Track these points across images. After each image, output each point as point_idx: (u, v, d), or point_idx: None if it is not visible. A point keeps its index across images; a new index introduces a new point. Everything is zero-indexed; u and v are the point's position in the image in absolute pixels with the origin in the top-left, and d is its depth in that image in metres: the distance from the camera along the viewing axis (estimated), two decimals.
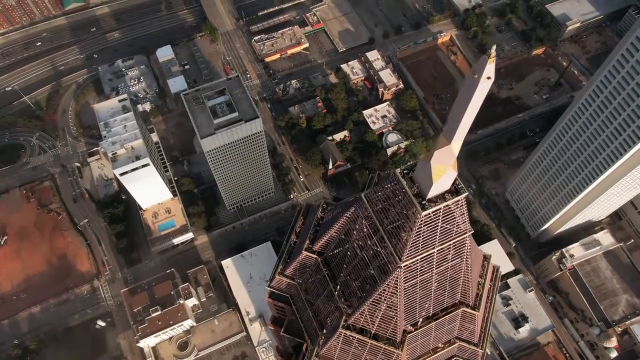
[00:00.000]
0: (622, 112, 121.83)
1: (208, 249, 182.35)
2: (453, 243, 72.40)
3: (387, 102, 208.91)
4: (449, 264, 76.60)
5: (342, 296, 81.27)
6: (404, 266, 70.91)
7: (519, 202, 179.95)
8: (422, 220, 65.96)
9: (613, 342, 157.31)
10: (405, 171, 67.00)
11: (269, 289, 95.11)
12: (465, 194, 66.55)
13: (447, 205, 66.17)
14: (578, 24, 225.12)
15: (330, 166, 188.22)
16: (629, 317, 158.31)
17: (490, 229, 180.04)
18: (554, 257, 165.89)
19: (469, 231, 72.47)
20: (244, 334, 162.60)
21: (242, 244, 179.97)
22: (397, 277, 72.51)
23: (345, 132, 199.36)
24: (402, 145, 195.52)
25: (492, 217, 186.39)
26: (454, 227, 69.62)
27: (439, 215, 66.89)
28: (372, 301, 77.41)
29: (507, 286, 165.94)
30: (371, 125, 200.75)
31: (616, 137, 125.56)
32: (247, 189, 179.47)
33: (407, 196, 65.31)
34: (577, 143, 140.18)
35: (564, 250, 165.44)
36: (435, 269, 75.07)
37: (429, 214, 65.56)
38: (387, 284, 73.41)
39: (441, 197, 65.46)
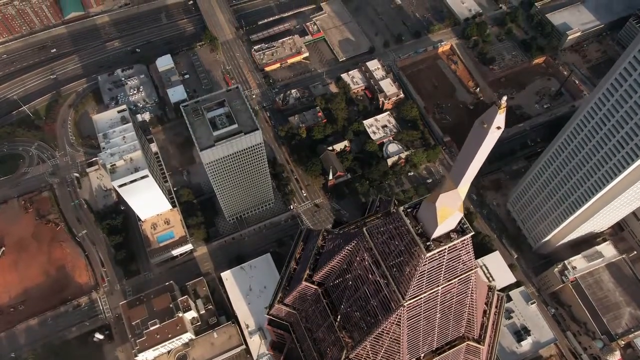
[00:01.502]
0: (624, 126, 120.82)
1: (207, 260, 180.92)
2: (458, 280, 70.99)
3: (388, 112, 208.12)
4: (454, 299, 75.08)
5: (343, 328, 79.64)
6: (408, 305, 69.51)
7: (520, 213, 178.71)
8: (426, 261, 64.53)
9: (616, 356, 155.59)
10: (408, 209, 65.61)
11: (268, 316, 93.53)
12: (472, 233, 65.07)
13: (453, 246, 64.79)
14: (578, 33, 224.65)
15: (331, 177, 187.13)
16: (632, 330, 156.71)
17: (492, 240, 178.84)
18: (556, 269, 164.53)
19: (475, 267, 70.99)
20: (244, 347, 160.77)
21: (241, 256, 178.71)
22: (400, 315, 71.07)
23: (346, 142, 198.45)
24: (403, 155, 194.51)
25: (493, 229, 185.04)
26: (459, 264, 68.40)
27: (444, 255, 65.50)
28: (374, 336, 75.88)
29: (508, 298, 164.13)
30: (371, 135, 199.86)
31: (619, 150, 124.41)
32: (247, 200, 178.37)
33: (410, 235, 64.09)
34: (580, 154, 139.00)
35: (566, 262, 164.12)
36: (440, 305, 73.55)
37: (434, 254, 64.20)
38: (390, 321, 71.86)
39: (446, 237, 64.11)
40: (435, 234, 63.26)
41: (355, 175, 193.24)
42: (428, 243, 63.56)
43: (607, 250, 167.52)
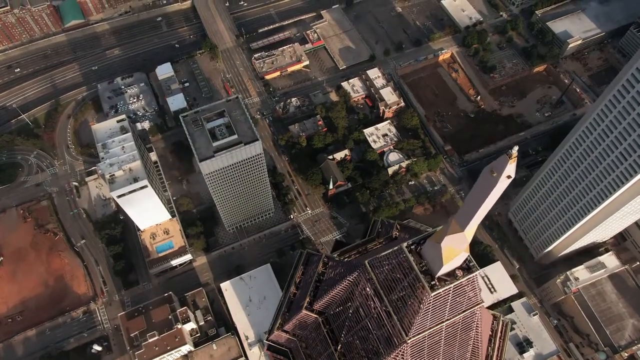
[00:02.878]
0: (627, 138, 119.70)
1: (207, 270, 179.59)
2: (463, 315, 69.63)
3: (388, 121, 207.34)
4: (459, 332, 73.64)
5: (344, 356, 78.01)
6: (411, 342, 68.13)
7: (522, 223, 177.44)
8: (431, 300, 63.21)
9: None
10: (412, 246, 64.41)
11: (267, 342, 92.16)
12: (478, 271, 63.90)
13: (459, 284, 63.55)
14: (579, 41, 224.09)
15: (331, 186, 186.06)
16: (635, 342, 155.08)
17: (493, 250, 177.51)
18: (559, 280, 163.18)
19: (481, 302, 69.71)
20: (243, 359, 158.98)
21: (241, 266, 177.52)
22: (403, 350, 69.63)
23: (346, 151, 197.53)
24: (404, 164, 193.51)
25: (494, 238, 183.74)
26: (464, 300, 67.14)
27: (449, 293, 64.24)
28: None
29: (510, 310, 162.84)
30: (372, 144, 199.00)
31: (621, 162, 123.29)
32: (247, 209, 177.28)
33: (414, 272, 62.85)
34: (582, 165, 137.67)
35: (568, 273, 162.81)
36: (444, 339, 72.14)
37: (439, 294, 62.91)
38: (393, 356, 70.37)
39: (452, 274, 62.91)
40: (440, 273, 61.93)
41: (356, 184, 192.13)
42: (433, 282, 62.31)
43: (610, 260, 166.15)
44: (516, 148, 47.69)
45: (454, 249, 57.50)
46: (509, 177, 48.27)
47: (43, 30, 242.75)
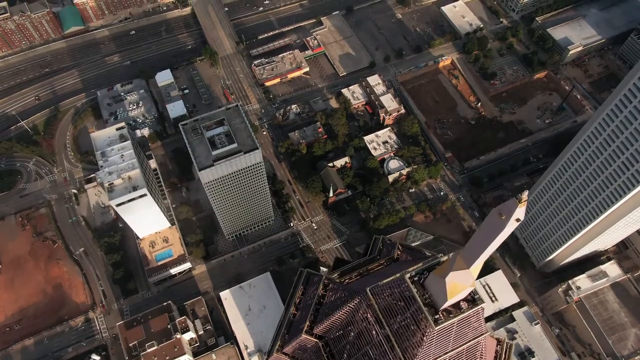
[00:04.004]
0: (629, 148, 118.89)
1: (206, 279, 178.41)
2: (467, 346, 68.30)
3: (389, 128, 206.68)
4: None
5: None
6: None
7: (523, 231, 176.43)
8: (434, 333, 61.86)
9: None
10: (415, 277, 63.25)
11: None
12: (483, 304, 62.53)
13: (464, 317, 62.23)
14: (580, 48, 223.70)
15: (331, 194, 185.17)
16: (638, 352, 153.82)
17: (494, 258, 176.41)
18: (560, 289, 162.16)
19: (485, 332, 68.44)
20: None
21: (240, 274, 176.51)
22: None
23: (346, 159, 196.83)
24: (404, 171, 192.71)
25: None
26: (469, 331, 65.88)
27: (454, 325, 62.91)
28: None
29: (512, 319, 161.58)
30: (372, 152, 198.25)
31: (623, 172, 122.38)
32: (247, 218, 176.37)
33: (417, 304, 61.63)
34: (585, 174, 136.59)
35: (570, 282, 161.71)
36: None
37: (443, 327, 61.57)
38: None
39: (456, 306, 61.66)
40: (445, 305, 60.70)
41: (356, 191, 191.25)
42: (436, 316, 61.20)
43: (612, 269, 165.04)
44: (526, 192, 47.17)
45: (459, 285, 56.63)
46: (517, 220, 47.80)
47: (43, 37, 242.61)
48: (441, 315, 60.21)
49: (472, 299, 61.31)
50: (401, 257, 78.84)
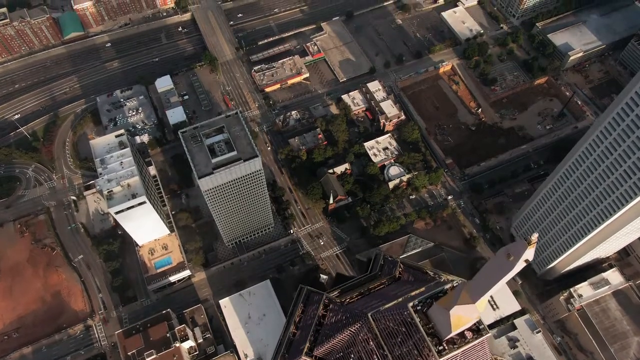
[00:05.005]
0: (630, 156, 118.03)
1: (206, 286, 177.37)
2: None
3: (389, 134, 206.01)
4: None
5: None
6: None
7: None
8: None
9: None
10: (418, 306, 62.24)
11: None
12: (489, 334, 61.58)
13: (469, 348, 61.21)
14: (580, 54, 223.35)
15: (331, 201, 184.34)
16: None
17: None
18: (562, 297, 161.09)
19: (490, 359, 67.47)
20: None
21: (240, 281, 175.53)
22: None
23: (346, 165, 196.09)
24: (405, 178, 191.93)
25: None
26: None
27: (458, 356, 61.88)
28: None
29: (513, 327, 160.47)
30: (372, 158, 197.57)
31: (626, 179, 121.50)
32: (246, 225, 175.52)
33: (420, 334, 60.55)
34: (587, 181, 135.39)
35: (572, 290, 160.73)
36: None
37: (447, 358, 60.46)
38: None
39: (461, 335, 60.60)
40: (449, 336, 59.76)
41: (356, 198, 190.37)
42: (440, 347, 60.35)
43: (614, 277, 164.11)
44: (536, 235, 46.79)
45: (464, 318, 55.82)
46: (526, 261, 47.46)
47: (42, 43, 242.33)
48: (445, 346, 59.24)
49: (477, 329, 60.35)
50: (403, 276, 77.93)
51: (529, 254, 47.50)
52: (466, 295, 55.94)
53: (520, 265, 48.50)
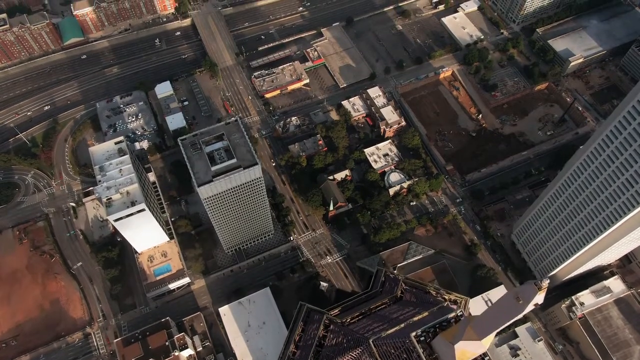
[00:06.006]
0: (633, 165, 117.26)
1: (205, 294, 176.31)
2: None
3: (389, 140, 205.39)
4: None
5: None
6: None
7: (525, 245, 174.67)
8: None
9: None
10: (421, 337, 61.27)
11: None
12: None
13: None
14: (581, 60, 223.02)
15: (331, 208, 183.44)
16: None
17: (497, 273, 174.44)
18: (564, 305, 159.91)
19: None
20: None
21: (240, 289, 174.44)
22: None
23: (347, 172, 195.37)
24: (405, 185, 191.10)
25: (497, 260, 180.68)
26: None
27: None
28: None
29: (515, 335, 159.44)
30: (373, 164, 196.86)
31: (628, 188, 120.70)
32: (246, 232, 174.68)
33: None
34: (588, 189, 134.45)
35: (573, 298, 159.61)
36: None
37: None
38: None
39: None
40: None
41: (357, 205, 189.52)
42: None
43: (616, 285, 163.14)
44: (547, 281, 46.12)
45: (469, 352, 55.03)
46: (536, 305, 46.98)
47: (42, 48, 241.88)
48: None
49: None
50: (405, 296, 76.78)
51: (539, 298, 47.15)
52: (472, 332, 55.11)
53: (529, 309, 48.11)
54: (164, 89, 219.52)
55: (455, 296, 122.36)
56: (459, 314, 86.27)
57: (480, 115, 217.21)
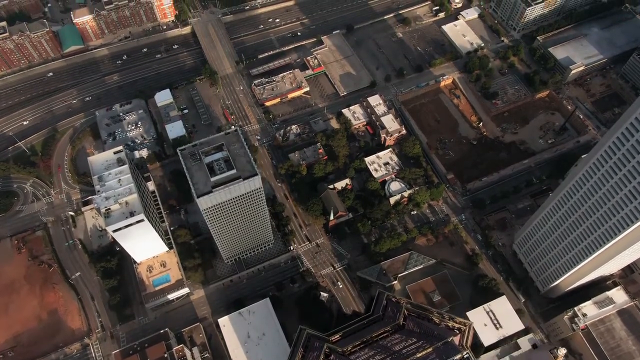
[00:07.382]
0: (636, 177, 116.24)
1: (204, 304, 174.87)
2: None
3: (390, 149, 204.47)
4: None
5: None
6: None
7: (527, 255, 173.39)
8: None
9: None
10: None
11: None
12: None
13: None
14: (582, 67, 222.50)
15: (332, 217, 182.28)
16: None
17: (498, 283, 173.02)
18: (566, 316, 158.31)
19: None
20: None
21: (239, 299, 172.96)
22: None
23: (347, 180, 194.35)
24: (406, 194, 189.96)
25: (499, 271, 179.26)
26: None
27: None
28: None
29: (517, 347, 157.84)
30: (373, 173, 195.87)
31: (631, 200, 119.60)
32: (246, 242, 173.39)
33: None
34: (592, 199, 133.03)
35: (576, 309, 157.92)
36: None
37: None
38: None
39: None
40: None
41: (357, 214, 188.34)
42: None
43: (618, 296, 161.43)
44: (564, 349, 44.49)
45: None
46: None
47: (42, 56, 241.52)
48: None
49: None
50: (407, 324, 75.32)
51: None
52: None
53: None
54: (163, 97, 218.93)
55: (458, 323, 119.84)
56: (465, 357, 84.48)
57: (481, 124, 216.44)
